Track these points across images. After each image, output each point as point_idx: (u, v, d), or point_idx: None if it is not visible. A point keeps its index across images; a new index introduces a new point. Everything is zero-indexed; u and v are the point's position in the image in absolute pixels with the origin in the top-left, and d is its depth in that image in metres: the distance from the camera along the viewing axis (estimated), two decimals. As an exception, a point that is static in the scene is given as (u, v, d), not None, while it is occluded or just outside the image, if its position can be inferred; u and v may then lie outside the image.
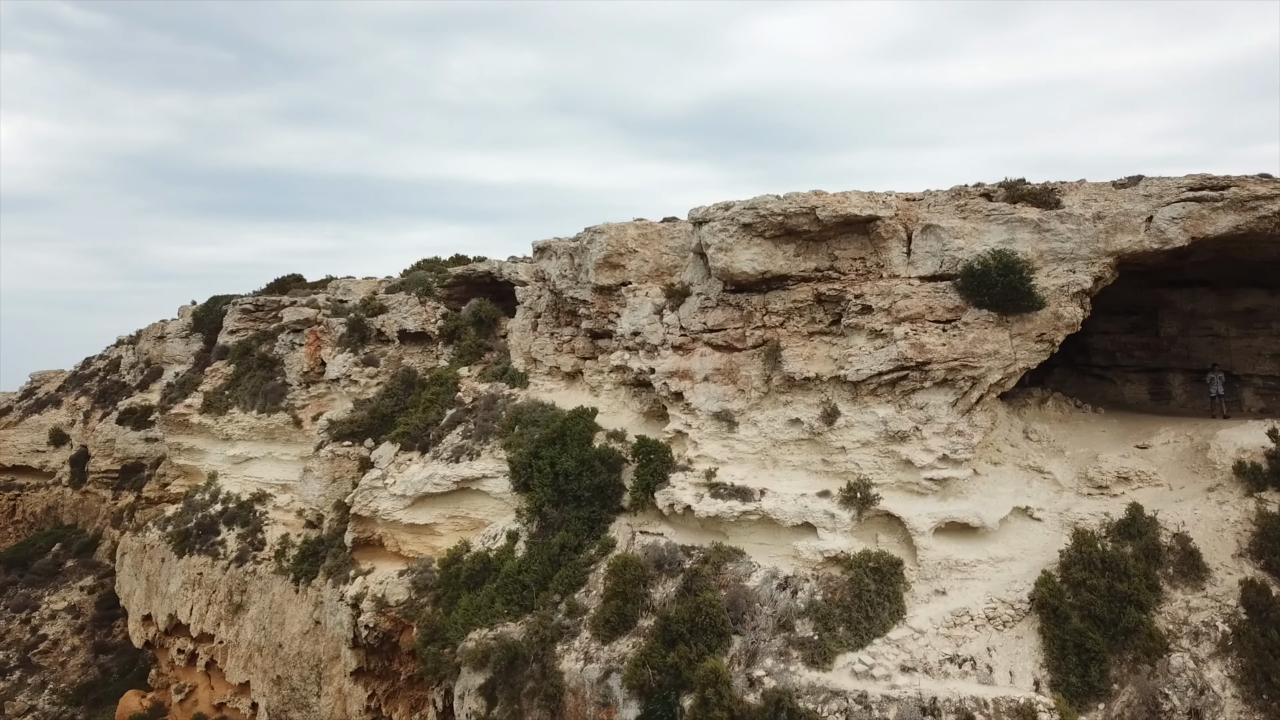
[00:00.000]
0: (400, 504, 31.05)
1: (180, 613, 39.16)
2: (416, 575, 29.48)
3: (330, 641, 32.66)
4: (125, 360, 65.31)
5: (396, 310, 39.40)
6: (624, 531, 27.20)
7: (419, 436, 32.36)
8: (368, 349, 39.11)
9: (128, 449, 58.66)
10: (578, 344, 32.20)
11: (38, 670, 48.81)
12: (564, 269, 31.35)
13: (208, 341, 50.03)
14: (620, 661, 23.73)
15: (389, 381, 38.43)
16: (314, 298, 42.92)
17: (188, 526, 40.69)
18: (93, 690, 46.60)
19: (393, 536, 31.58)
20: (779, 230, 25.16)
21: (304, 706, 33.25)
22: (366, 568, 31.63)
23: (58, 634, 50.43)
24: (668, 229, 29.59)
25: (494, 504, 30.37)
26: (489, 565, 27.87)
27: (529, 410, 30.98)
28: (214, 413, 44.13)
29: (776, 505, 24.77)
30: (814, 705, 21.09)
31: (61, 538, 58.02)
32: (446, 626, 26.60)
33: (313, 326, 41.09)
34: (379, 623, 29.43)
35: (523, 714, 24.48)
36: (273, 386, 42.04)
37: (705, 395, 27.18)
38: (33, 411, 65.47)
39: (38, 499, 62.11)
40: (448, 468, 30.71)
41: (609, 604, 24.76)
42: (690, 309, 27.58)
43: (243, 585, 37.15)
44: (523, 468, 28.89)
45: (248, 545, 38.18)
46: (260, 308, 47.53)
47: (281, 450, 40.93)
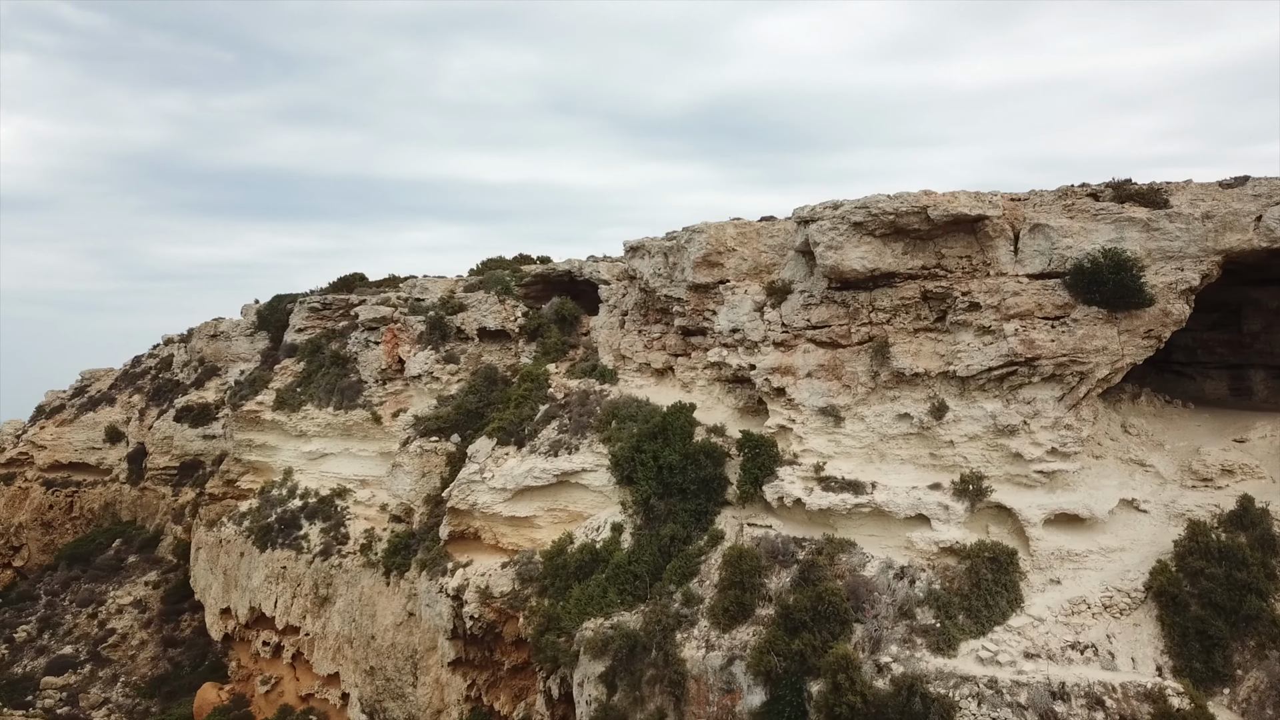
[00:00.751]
0: (500, 497, 31.73)
1: (264, 606, 39.85)
2: (520, 567, 30.15)
3: (426, 633, 33.33)
4: (177, 358, 66.04)
5: (476, 309, 40.07)
6: (731, 524, 27.85)
7: (514, 431, 33.03)
8: (448, 346, 39.79)
9: (186, 446, 59.41)
10: (669, 341, 32.86)
11: (108, 664, 49.55)
12: (657, 267, 32.00)
13: (274, 339, 50.71)
14: (742, 649, 24.41)
15: (470, 378, 39.12)
16: (387, 296, 43.59)
17: (268, 521, 41.38)
18: (165, 683, 47.30)
19: (490, 529, 32.25)
20: (888, 229, 25.79)
21: (399, 697, 33.93)
22: (464, 560, 32.30)
23: (125, 628, 51.16)
24: (766, 228, 30.23)
25: (593, 497, 31.04)
26: (596, 556, 28.54)
27: (624, 406, 31.64)
28: (287, 409, 44.83)
29: (889, 498, 25.42)
30: (945, 690, 21.76)
31: (121, 534, 58.76)
32: (561, 616, 27.27)
33: (390, 324, 41.77)
34: (483, 614, 30.09)
35: (644, 701, 25.16)
36: (348, 383, 42.72)
37: (809, 391, 27.83)
38: (87, 409, 66.23)
39: (95, 495, 62.86)
40: (547, 462, 31.38)
41: (727, 593, 25.43)
42: (793, 306, 28.22)
43: (328, 579, 37.83)
44: (625, 461, 29.54)
45: (331, 540, 38.87)
46: (328, 306, 48.23)
47: (359, 446, 41.60)
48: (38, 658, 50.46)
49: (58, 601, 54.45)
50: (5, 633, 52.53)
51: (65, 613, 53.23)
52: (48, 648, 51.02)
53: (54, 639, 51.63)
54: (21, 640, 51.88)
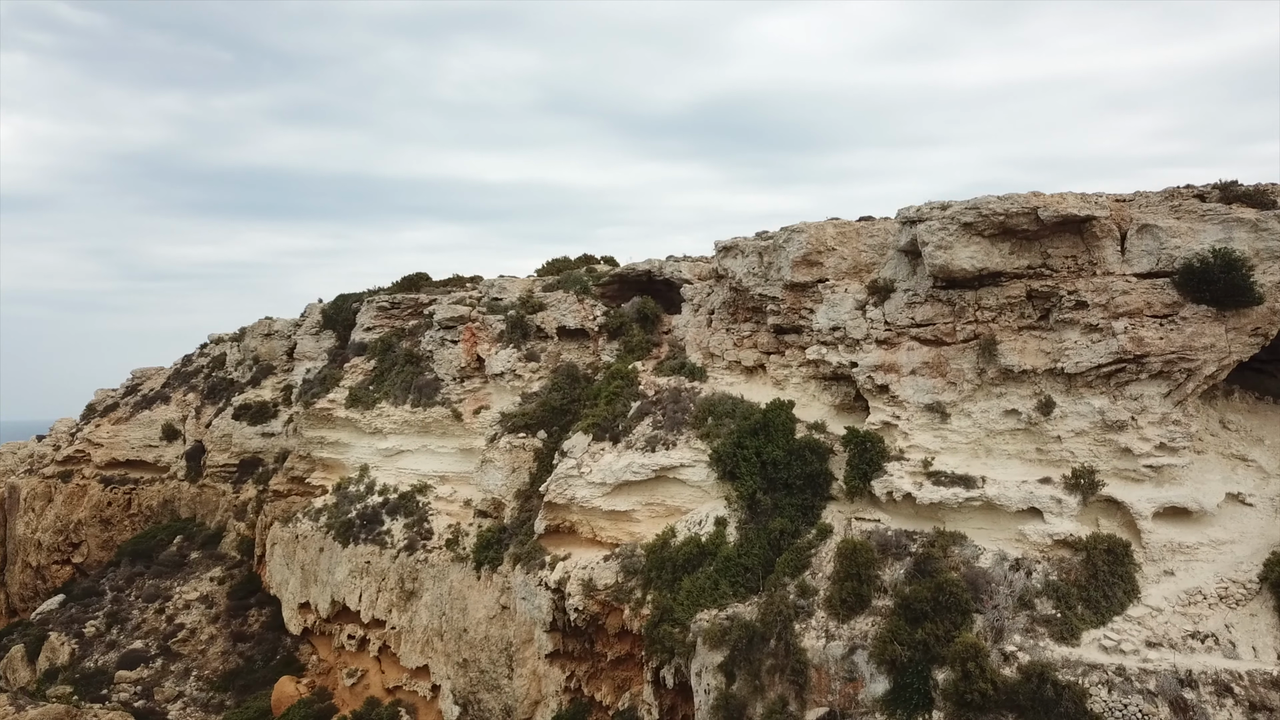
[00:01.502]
0: (598, 492, 32.39)
1: (348, 600, 40.53)
2: (623, 560, 30.80)
3: (521, 625, 33.99)
4: (230, 357, 66.75)
5: (555, 308, 40.72)
6: (838, 518, 28.48)
7: (609, 427, 33.69)
8: (529, 345, 40.43)
9: (244, 444, 60.11)
10: (760, 339, 33.48)
11: (178, 658, 50.23)
12: (751, 266, 32.63)
13: (341, 338, 51.38)
14: (863, 639, 25.06)
15: (550, 376, 39.77)
16: (463, 295, 44.26)
17: (348, 517, 42.06)
18: (238, 677, 47.96)
19: (588, 523, 32.92)
20: (997, 229, 26.42)
21: (494, 688, 34.60)
22: (563, 554, 32.95)
23: (194, 623, 51.85)
24: (865, 227, 30.86)
25: (691, 492, 31.69)
26: (703, 550, 29.18)
27: (719, 403, 32.27)
28: (360, 407, 45.50)
29: (1000, 492, 26.05)
30: (1074, 678, 22.40)
31: (182, 530, 59.44)
32: (674, 607, 27.92)
33: (468, 323, 42.43)
34: (587, 606, 30.74)
35: (764, 689, 25.81)
36: (424, 381, 43.39)
37: (912, 388, 28.44)
38: (142, 408, 66.94)
39: (153, 493, 63.53)
40: (644, 457, 32.02)
41: (844, 585, 26.06)
42: (896, 305, 28.84)
43: (414, 573, 38.49)
44: (727, 457, 30.18)
45: (415, 535, 39.53)
46: (396, 305, 48.89)
47: (438, 443, 42.26)
48: (108, 652, 51.16)
49: (124, 597, 55.15)
50: (74, 628, 53.23)
51: (132, 608, 53.92)
52: (117, 643, 51.72)
53: (123, 634, 52.32)
54: (91, 635, 52.58)
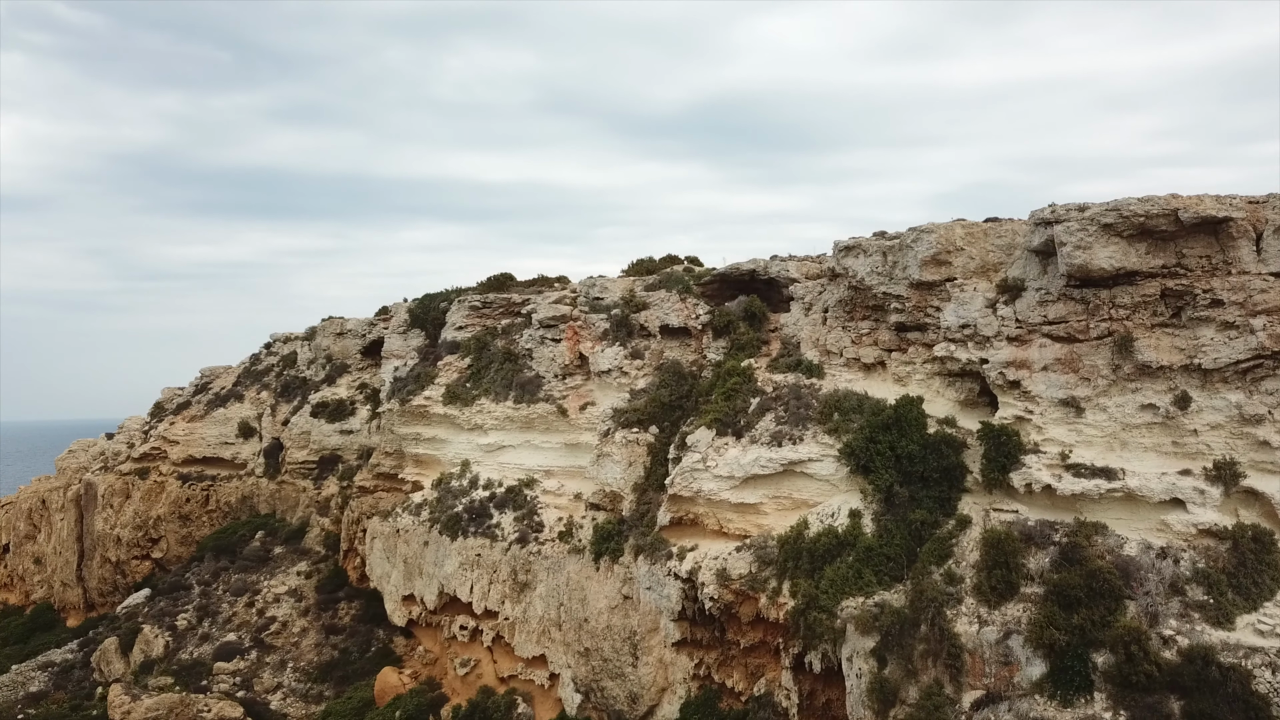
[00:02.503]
0: (725, 485, 33.43)
1: (459, 592, 41.56)
2: (756, 550, 31.83)
3: (645, 615, 35.00)
4: (302, 356, 67.85)
5: (658, 307, 41.73)
6: (975, 509, 29.46)
7: (730, 422, 34.70)
8: (633, 343, 41.44)
9: (323, 441, 61.23)
10: (880, 336, 34.45)
11: (272, 650, 51.32)
12: (874, 266, 33.61)
13: (430, 337, 52.43)
14: (1016, 624, 26.06)
15: (654, 373, 40.79)
16: (563, 295, 45.30)
17: (455, 511, 43.11)
18: (335, 669, 49.02)
19: (714, 515, 33.94)
20: (1136, 230, 27.39)
21: (618, 676, 35.61)
22: (689, 544, 33.99)
23: (285, 616, 52.93)
24: (993, 228, 31.83)
25: (818, 485, 32.70)
26: (841, 540, 30.19)
27: (844, 399, 33.27)
28: (459, 403, 46.56)
29: (1142, 483, 27.02)
30: (1235, 660, 23.39)
31: (263, 525, 60.56)
32: (819, 595, 28.94)
33: (570, 322, 43.46)
34: (721, 595, 31.75)
35: (917, 673, 26.81)
36: (525, 378, 44.43)
37: (1045, 383, 29.40)
38: (216, 405, 68.05)
39: (231, 489, 64.66)
40: (771, 451, 33.04)
41: (992, 573, 27.05)
42: (1027, 303, 29.80)
43: (526, 565, 39.53)
44: (860, 451, 31.17)
45: (526, 528, 40.57)
46: (488, 304, 49.94)
47: (541, 438, 43.29)
48: (202, 644, 52.25)
49: (211, 591, 56.22)
50: (166, 621, 54.31)
51: (221, 602, 55.01)
52: (210, 635, 52.82)
53: (214, 627, 53.42)
54: (183, 628, 53.68)
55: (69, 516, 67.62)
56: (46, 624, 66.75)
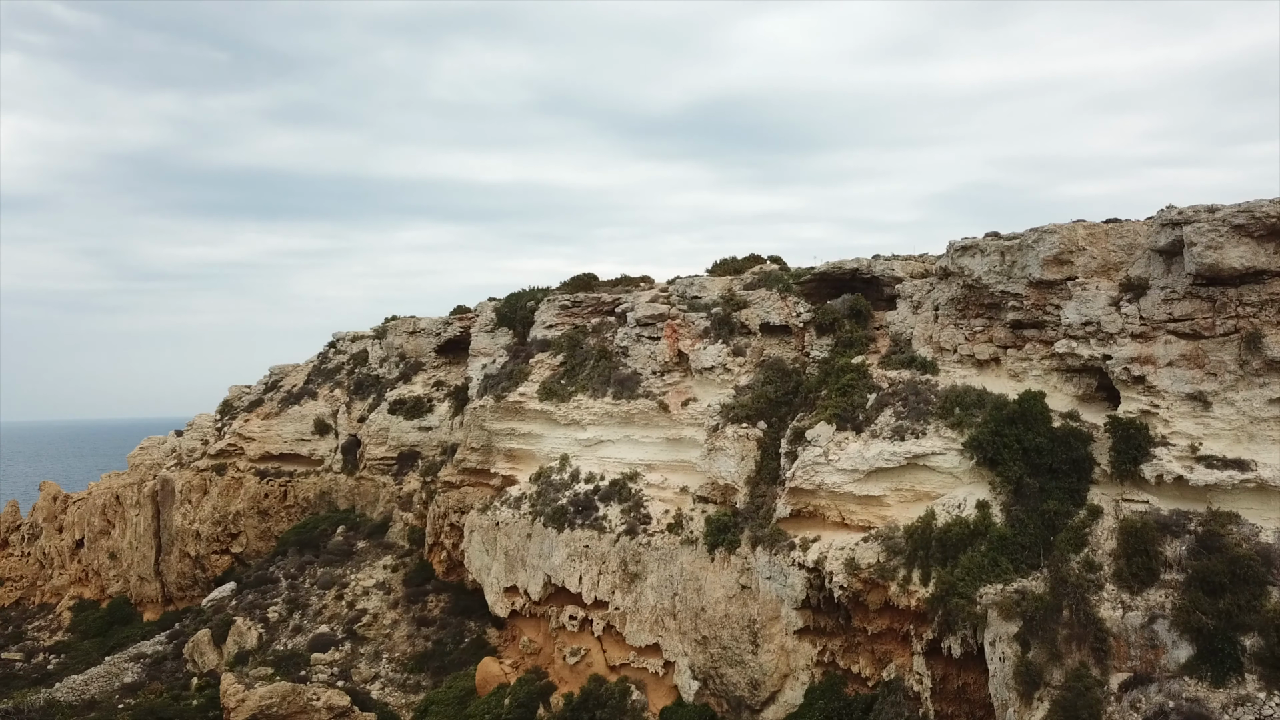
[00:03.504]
0: (849, 478, 34.55)
1: (568, 583, 42.71)
2: (884, 540, 32.95)
3: (766, 603, 36.12)
4: (373, 354, 69.06)
5: (759, 305, 42.84)
6: (1104, 500, 30.51)
7: (849, 417, 35.82)
8: (735, 341, 42.55)
9: (402, 437, 62.44)
10: (996, 333, 35.50)
11: (365, 642, 52.52)
12: (992, 265, 34.65)
13: (519, 335, 53.56)
14: (1160, 608, 27.14)
15: (756, 370, 41.90)
16: (659, 294, 46.42)
17: (559, 504, 44.27)
18: (431, 659, 50.19)
19: (836, 507, 35.07)
20: (1266, 230, 28.44)
21: (737, 663, 36.73)
22: (811, 536, 35.13)
23: (375, 609, 54.13)
24: (1114, 229, 32.87)
25: (941, 478, 33.80)
26: (972, 530, 31.29)
27: (963, 394, 34.34)
28: (555, 400, 47.73)
29: (1274, 474, 28.08)
30: (1385, 642, 24.48)
31: (343, 520, 61.79)
32: (956, 583, 30.06)
33: (668, 320, 44.57)
34: (850, 583, 32.86)
35: (1061, 656, 27.89)
36: (623, 375, 45.57)
37: (1170, 379, 30.43)
38: (290, 403, 69.29)
39: (309, 484, 65.91)
40: (895, 445, 34.15)
41: (1131, 560, 28.13)
42: (1152, 301, 30.84)
43: (636, 556, 40.67)
44: (987, 444, 32.24)
45: (634, 520, 41.70)
46: (577, 304, 51.11)
47: (641, 433, 44.42)
48: (295, 636, 53.48)
49: (299, 584, 57.44)
50: (257, 613, 55.54)
51: (310, 594, 56.21)
52: (302, 627, 54.04)
53: (305, 619, 54.63)
54: (275, 620, 54.90)
55: (145, 512, 68.90)
56: (124, 618, 68.08)
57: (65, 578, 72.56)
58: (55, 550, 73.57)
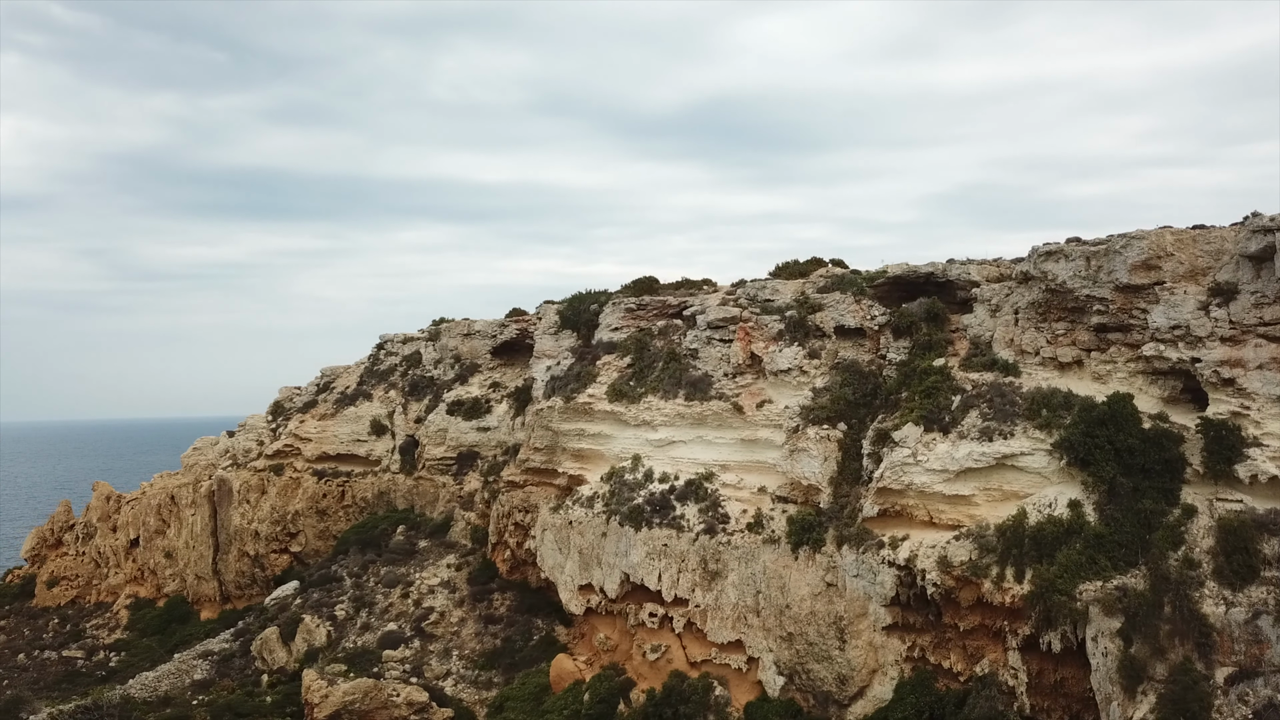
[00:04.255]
0: (938, 478, 35.41)
1: (647, 580, 43.56)
2: (976, 539, 33.81)
3: (853, 601, 36.98)
4: (427, 356, 70.01)
5: (833, 308, 43.67)
6: (1198, 499, 31.32)
7: (935, 419, 36.64)
8: (810, 343, 43.40)
9: (460, 438, 63.40)
10: (1079, 336, 36.31)
11: (433, 639, 53.41)
12: (1077, 270, 35.44)
13: (583, 338, 54.41)
14: (1263, 605, 27.98)
15: (831, 372, 42.74)
16: (730, 297, 47.28)
17: (635, 503, 45.12)
18: (501, 656, 51.07)
19: (924, 506, 35.93)
20: (1359, 237, 29.26)
21: (824, 659, 37.60)
22: (899, 534, 35.99)
23: (442, 607, 55.04)
24: (1201, 235, 33.67)
25: (1029, 477, 34.66)
26: (1067, 528, 32.14)
27: (1050, 396, 35.15)
28: (625, 401, 48.60)
29: (1371, 473, 28.92)
30: None
31: (403, 520, 62.75)
32: (1056, 579, 30.92)
33: (741, 323, 45.43)
34: (943, 581, 33.73)
35: (1164, 651, 28.71)
36: (694, 377, 46.43)
37: (1261, 381, 31.25)
38: (345, 404, 70.25)
39: (367, 484, 66.90)
40: (983, 446, 34.98)
41: (1231, 558, 28.98)
42: (1242, 305, 31.66)
43: (716, 554, 41.53)
44: (1078, 445, 33.07)
45: (712, 519, 42.55)
46: (643, 306, 51.99)
47: (714, 434, 45.27)
48: (364, 633, 54.40)
49: (363, 583, 58.36)
50: (325, 611, 56.43)
51: (375, 593, 57.13)
52: (370, 625, 54.95)
53: (372, 616, 55.54)
54: (342, 618, 55.80)
55: (202, 512, 69.89)
56: (181, 616, 69.11)
57: (121, 576, 73.58)
58: (110, 549, 74.60)
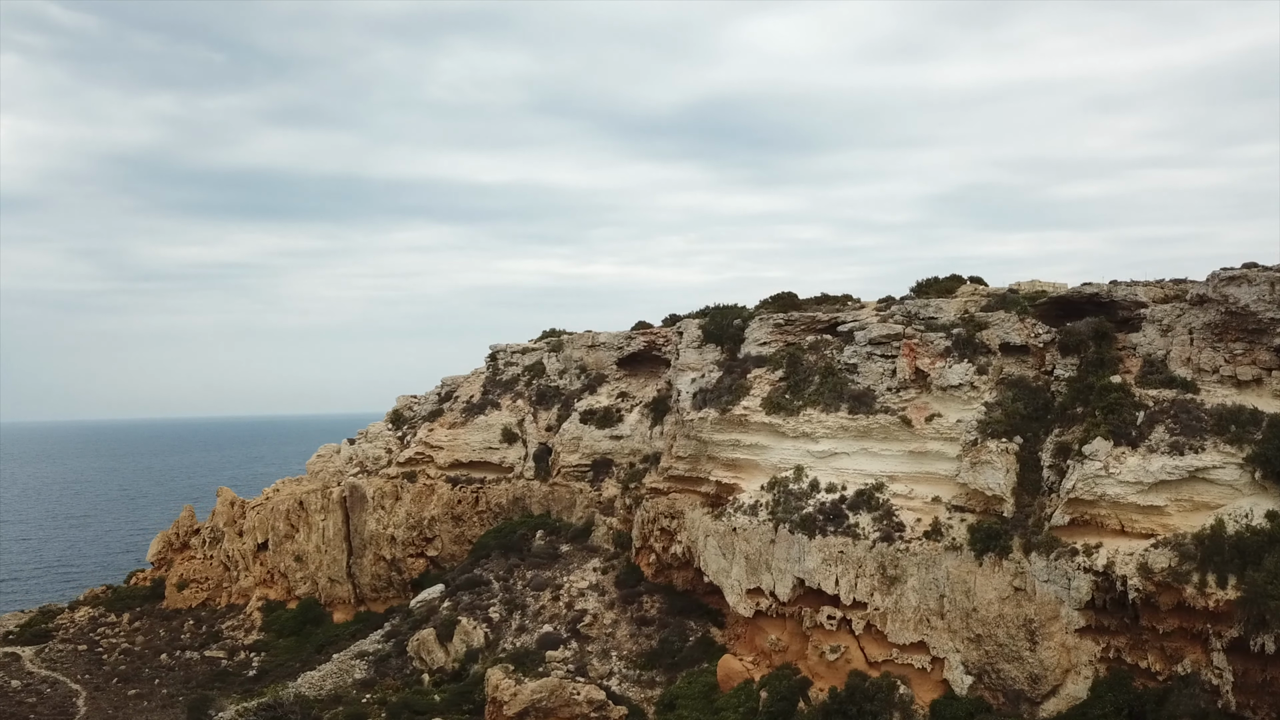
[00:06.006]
0: (1131, 489, 37.80)
1: (824, 585, 45.92)
2: (1174, 546, 36.16)
3: (1042, 605, 39.34)
4: (550, 366, 72.62)
5: (998, 326, 46.01)
6: (1396, 510, 33.61)
7: (1123, 433, 38.96)
8: (979, 360, 45.73)
9: (594, 446, 65.98)
10: (1259, 356, 38.60)
11: (589, 640, 55.90)
12: (1261, 294, 37.76)
13: (729, 352, 56.80)
14: None
15: (998, 388, 45.07)
16: (887, 314, 49.64)
17: (806, 512, 47.49)
18: (660, 657, 53.46)
19: (1116, 516, 38.30)
20: None
21: (1015, 659, 39.97)
22: (1093, 543, 38.35)
23: (594, 609, 57.54)
24: (1389, 262, 35.92)
25: (1219, 489, 37.00)
26: (1268, 537, 34.45)
27: (1235, 412, 37.46)
28: (783, 413, 51.00)
29: None
30: None
31: (540, 524, 65.30)
32: (1267, 585, 33.22)
33: (905, 340, 47.78)
34: (1144, 586, 36.08)
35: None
36: (856, 391, 48.79)
37: None
38: (474, 413, 72.88)
39: (501, 491, 69.49)
40: (1175, 459, 37.32)
41: None
42: None
43: (894, 560, 43.89)
44: (1273, 459, 35.39)
45: (887, 527, 44.91)
46: (791, 322, 54.41)
47: (879, 446, 47.62)
48: (520, 635, 56.93)
49: (510, 586, 60.93)
50: (479, 614, 59.00)
51: (524, 596, 59.67)
52: (525, 627, 57.48)
53: (526, 619, 58.07)
54: (497, 620, 58.35)
55: (334, 517, 72.63)
56: (315, 618, 71.85)
57: (251, 579, 76.32)
58: (239, 553, 77.34)
